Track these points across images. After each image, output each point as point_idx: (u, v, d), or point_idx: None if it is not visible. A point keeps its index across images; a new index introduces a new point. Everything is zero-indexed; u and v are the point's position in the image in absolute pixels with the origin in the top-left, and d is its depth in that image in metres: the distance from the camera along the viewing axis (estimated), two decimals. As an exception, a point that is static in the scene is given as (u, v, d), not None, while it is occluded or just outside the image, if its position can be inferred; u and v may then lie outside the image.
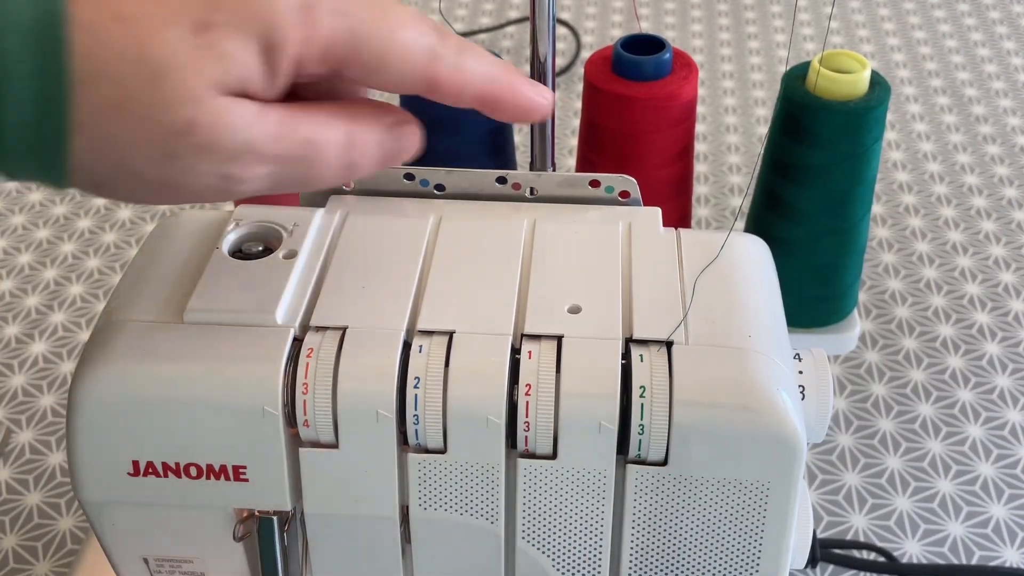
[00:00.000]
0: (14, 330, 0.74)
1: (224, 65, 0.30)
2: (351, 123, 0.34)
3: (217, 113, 0.30)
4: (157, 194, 0.32)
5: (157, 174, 0.31)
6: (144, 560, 0.40)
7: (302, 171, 0.33)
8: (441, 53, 0.34)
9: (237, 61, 0.30)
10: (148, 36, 0.29)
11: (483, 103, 0.36)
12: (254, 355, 0.36)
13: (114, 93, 0.29)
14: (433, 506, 0.37)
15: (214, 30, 0.30)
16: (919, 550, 0.59)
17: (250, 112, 0.31)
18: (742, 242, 0.41)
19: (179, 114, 0.30)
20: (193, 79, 0.29)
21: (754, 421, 0.34)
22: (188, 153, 0.30)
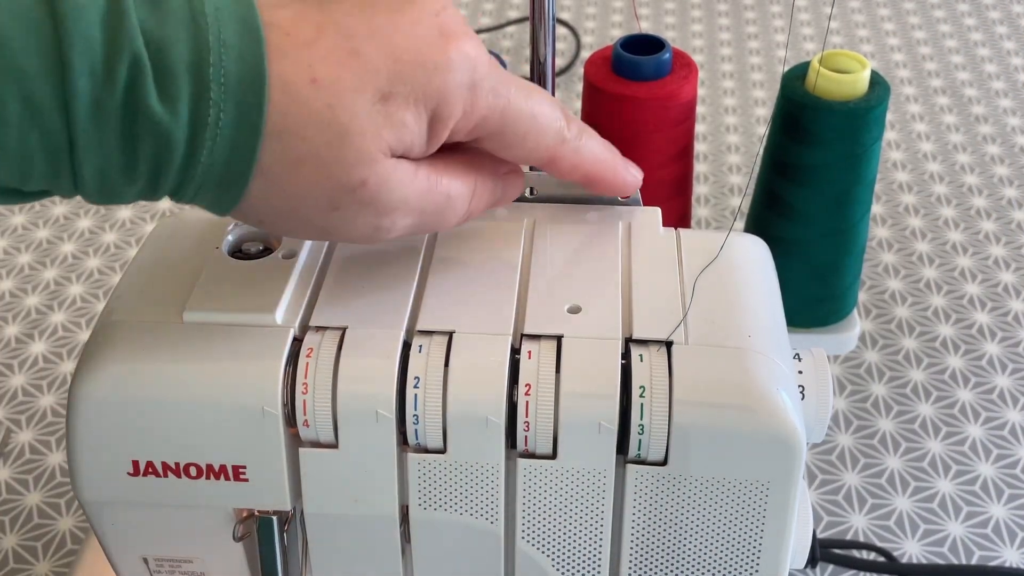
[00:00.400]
0: (14, 330, 0.74)
1: (399, 133, 0.33)
2: (477, 175, 0.37)
3: (385, 174, 0.33)
4: (315, 234, 0.35)
5: (320, 221, 0.33)
6: (144, 560, 0.40)
7: (437, 220, 0.36)
8: (566, 137, 0.37)
9: (410, 130, 0.33)
10: (338, 100, 0.31)
11: (587, 180, 0.40)
12: (254, 355, 0.36)
13: (300, 148, 0.31)
14: (433, 506, 0.37)
15: (395, 100, 0.32)
16: (919, 550, 0.59)
17: (408, 172, 0.34)
18: (742, 242, 0.41)
19: (354, 173, 0.32)
20: (372, 143, 0.32)
21: (754, 421, 0.34)
22: (352, 206, 0.33)
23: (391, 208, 0.34)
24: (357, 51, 0.32)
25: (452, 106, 0.33)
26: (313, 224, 0.34)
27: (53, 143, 0.29)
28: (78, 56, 0.28)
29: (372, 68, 0.32)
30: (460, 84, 0.33)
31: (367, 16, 0.32)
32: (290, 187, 0.32)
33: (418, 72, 0.32)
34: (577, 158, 0.38)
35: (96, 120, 0.29)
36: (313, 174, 0.32)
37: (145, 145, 0.30)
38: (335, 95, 0.31)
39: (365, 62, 0.32)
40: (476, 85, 0.34)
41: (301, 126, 0.31)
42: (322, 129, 0.31)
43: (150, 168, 0.31)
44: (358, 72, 0.32)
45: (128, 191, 0.31)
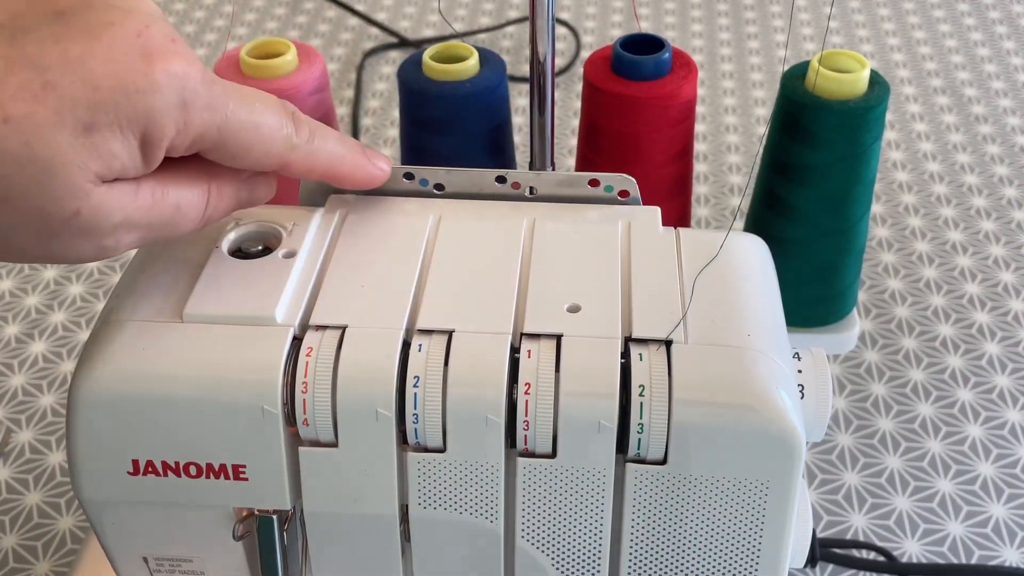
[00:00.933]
0: (14, 330, 0.74)
1: (107, 162, 0.32)
2: (211, 180, 0.36)
3: (98, 200, 0.32)
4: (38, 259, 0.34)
5: (39, 251, 0.33)
6: (144, 559, 0.40)
7: (168, 229, 0.35)
8: (295, 143, 0.37)
9: (119, 157, 0.32)
10: (36, 137, 0.30)
11: (327, 178, 0.40)
12: (254, 354, 0.36)
13: (2, 188, 0.31)
14: (433, 505, 0.37)
15: (98, 131, 0.31)
16: (919, 550, 0.59)
17: (127, 193, 0.33)
18: (742, 242, 0.41)
19: (65, 205, 0.32)
20: (78, 176, 0.31)
21: (753, 420, 0.34)
22: (69, 235, 0.33)
23: (112, 229, 0.33)
24: (52, 84, 0.30)
25: (162, 127, 0.32)
26: (32, 254, 0.33)
27: None
28: None
29: (70, 100, 0.31)
30: (168, 105, 0.32)
31: (62, 46, 0.31)
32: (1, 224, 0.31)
33: (120, 98, 0.31)
34: (310, 161, 0.38)
35: None
36: (22, 212, 0.31)
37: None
38: (31, 132, 0.30)
39: (61, 94, 0.30)
40: (187, 103, 0.33)
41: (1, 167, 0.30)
42: (22, 167, 0.30)
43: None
44: (54, 106, 0.30)
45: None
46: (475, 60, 0.50)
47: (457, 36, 1.02)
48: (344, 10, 1.07)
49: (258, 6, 1.09)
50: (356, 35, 1.05)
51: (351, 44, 1.03)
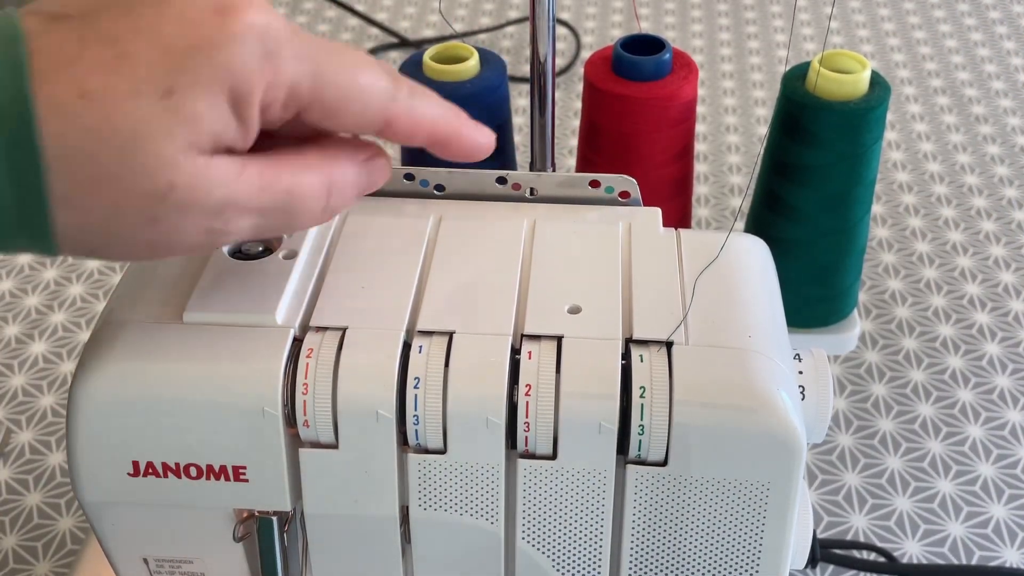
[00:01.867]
0: (14, 330, 0.74)
1: (194, 126, 0.31)
2: (329, 166, 0.35)
3: (195, 173, 0.31)
4: (148, 252, 0.33)
5: (145, 237, 0.32)
6: (144, 560, 0.40)
7: (286, 219, 0.34)
8: (397, 96, 0.35)
9: (207, 119, 0.31)
10: (116, 109, 0.30)
11: (432, 143, 0.37)
12: (254, 355, 0.36)
13: (90, 168, 0.30)
14: (433, 506, 0.37)
15: (179, 94, 0.30)
16: (919, 550, 0.59)
17: (231, 168, 0.32)
18: (742, 242, 0.41)
19: (157, 180, 0.30)
20: (166, 144, 0.30)
21: (754, 421, 0.34)
22: (171, 215, 0.31)
23: (217, 209, 0.32)
24: (125, 53, 0.30)
25: (249, 82, 0.31)
26: (140, 242, 0.32)
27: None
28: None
29: (145, 67, 0.30)
30: (251, 56, 0.31)
31: (132, 17, 0.30)
32: (97, 211, 0.30)
33: (197, 57, 0.30)
34: (412, 118, 0.35)
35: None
36: (115, 192, 0.30)
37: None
38: (111, 104, 0.29)
39: (136, 63, 0.30)
40: (272, 54, 0.31)
41: (85, 145, 0.29)
42: (106, 142, 0.29)
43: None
44: (129, 75, 0.30)
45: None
46: (475, 60, 0.50)
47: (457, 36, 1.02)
48: (344, 10, 1.07)
49: (258, 6, 1.09)
50: (356, 35, 1.05)
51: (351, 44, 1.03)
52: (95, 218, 0.31)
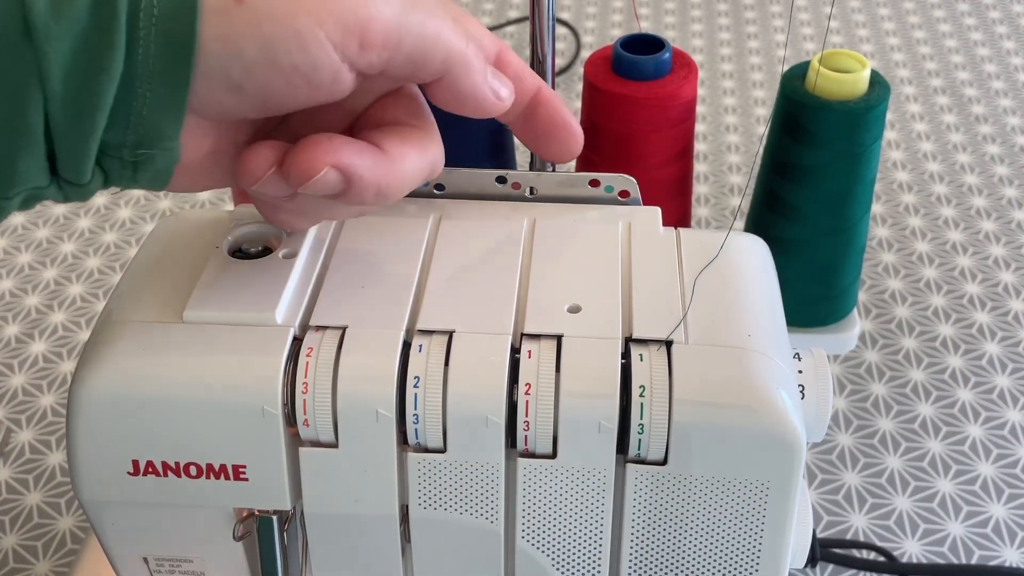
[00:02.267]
0: (14, 330, 0.74)
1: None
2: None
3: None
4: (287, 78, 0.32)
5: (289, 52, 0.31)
6: (144, 560, 0.40)
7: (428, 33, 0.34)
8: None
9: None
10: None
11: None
12: (254, 355, 0.36)
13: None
14: (433, 505, 0.37)
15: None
16: (919, 550, 0.59)
17: None
18: (742, 242, 0.41)
19: None
20: None
21: (754, 421, 0.34)
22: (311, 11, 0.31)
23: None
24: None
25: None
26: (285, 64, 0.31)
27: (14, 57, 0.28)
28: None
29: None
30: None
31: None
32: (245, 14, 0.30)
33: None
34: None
35: None
36: None
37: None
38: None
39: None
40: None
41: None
42: None
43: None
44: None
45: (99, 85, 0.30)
46: (475, 60, 0.50)
47: (457, 36, 1.02)
48: (344, 10, 1.07)
49: (258, 6, 1.09)
50: (356, 35, 1.05)
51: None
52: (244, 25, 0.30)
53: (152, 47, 0.30)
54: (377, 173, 0.34)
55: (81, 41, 0.29)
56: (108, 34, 0.30)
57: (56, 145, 0.31)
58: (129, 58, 0.30)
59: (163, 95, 0.31)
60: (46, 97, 0.30)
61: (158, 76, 0.31)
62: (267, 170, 0.34)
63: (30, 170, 0.31)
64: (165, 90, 0.31)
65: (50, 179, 0.31)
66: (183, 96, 0.31)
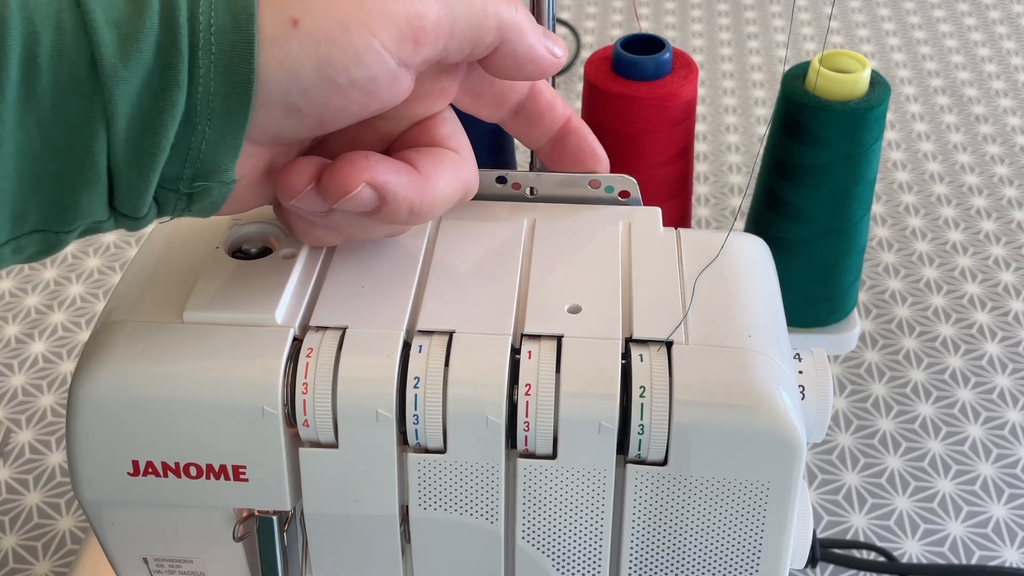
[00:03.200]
0: (14, 330, 0.74)
1: None
2: None
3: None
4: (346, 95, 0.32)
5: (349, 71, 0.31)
6: (144, 560, 0.40)
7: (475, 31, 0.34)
8: None
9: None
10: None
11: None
12: (254, 355, 0.36)
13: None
14: (433, 506, 0.37)
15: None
16: (919, 550, 0.59)
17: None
18: (742, 242, 0.41)
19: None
20: None
21: (754, 421, 0.34)
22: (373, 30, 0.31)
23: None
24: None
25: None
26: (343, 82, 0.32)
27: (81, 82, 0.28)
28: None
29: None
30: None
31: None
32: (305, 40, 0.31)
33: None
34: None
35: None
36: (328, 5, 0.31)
37: None
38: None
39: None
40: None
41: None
42: None
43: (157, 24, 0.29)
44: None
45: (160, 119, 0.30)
46: (475, 60, 0.50)
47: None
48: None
49: (258, 6, 1.09)
50: (356, 35, 1.05)
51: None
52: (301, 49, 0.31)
53: (212, 84, 0.30)
54: (411, 192, 0.34)
55: (146, 82, 0.29)
56: (172, 73, 0.29)
57: (116, 181, 0.31)
58: (190, 96, 0.30)
59: (223, 130, 0.31)
60: (110, 136, 0.30)
61: (218, 112, 0.31)
62: (306, 186, 0.34)
63: (92, 205, 0.31)
64: (225, 125, 0.31)
65: (109, 213, 0.32)
66: (242, 129, 0.31)
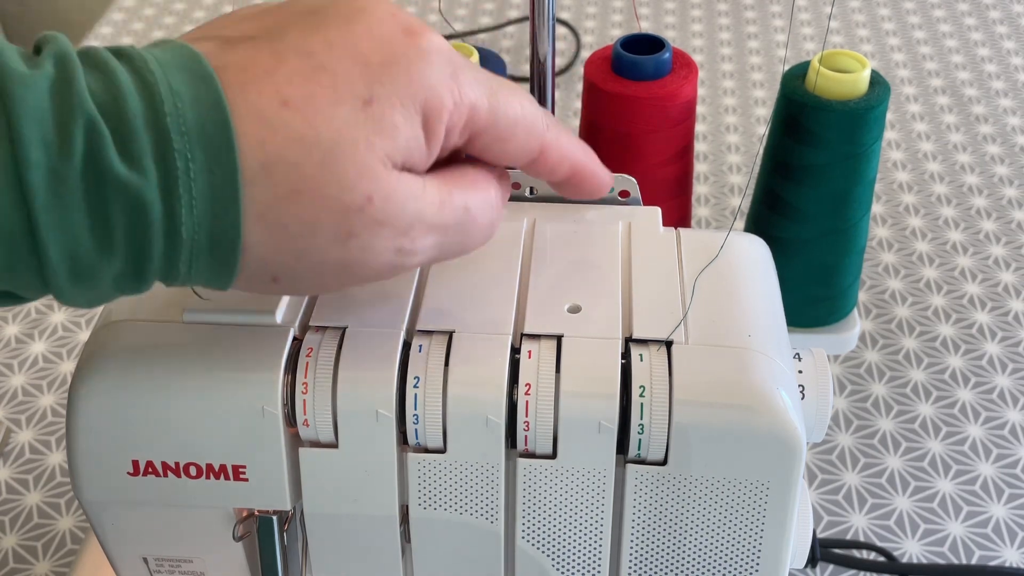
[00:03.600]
0: (14, 330, 0.74)
1: (392, 137, 0.31)
2: (487, 183, 0.35)
3: (390, 186, 0.31)
4: (337, 278, 0.32)
5: (337, 256, 0.31)
6: (144, 560, 0.40)
7: (462, 237, 0.34)
8: (550, 124, 0.36)
9: (403, 132, 0.31)
10: (318, 116, 0.29)
11: (570, 176, 0.38)
12: (254, 355, 0.36)
13: (290, 178, 0.29)
14: (433, 506, 0.37)
15: (378, 103, 0.30)
16: (919, 550, 0.59)
17: (416, 183, 0.32)
18: (742, 242, 0.41)
19: (357, 190, 0.30)
20: (366, 154, 0.30)
21: (754, 421, 0.34)
22: (366, 229, 0.31)
23: (407, 225, 0.32)
24: (323, 66, 0.30)
25: (440, 98, 0.31)
26: (330, 261, 0.31)
27: (8, 227, 0.27)
28: (27, 126, 0.26)
29: (344, 77, 0.30)
30: (442, 75, 0.31)
31: (322, 34, 0.31)
32: (293, 224, 0.30)
33: (394, 70, 0.31)
34: (562, 149, 0.36)
35: (56, 194, 0.27)
36: (314, 202, 0.30)
37: (117, 213, 0.28)
38: (313, 112, 0.29)
39: (335, 74, 0.30)
40: (457, 75, 0.32)
41: (285, 153, 0.29)
42: (309, 150, 0.29)
43: (128, 239, 0.28)
44: (330, 85, 0.30)
45: (106, 271, 0.29)
46: (475, 60, 0.50)
47: (457, 36, 1.02)
48: (344, 10, 1.07)
49: (258, 6, 1.09)
50: (356, 35, 1.05)
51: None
52: (290, 234, 0.30)
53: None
54: None
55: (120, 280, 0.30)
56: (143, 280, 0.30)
57: None
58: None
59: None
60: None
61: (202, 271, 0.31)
62: None
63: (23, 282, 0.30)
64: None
65: None
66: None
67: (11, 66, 0.27)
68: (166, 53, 0.29)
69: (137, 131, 0.28)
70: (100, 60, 0.29)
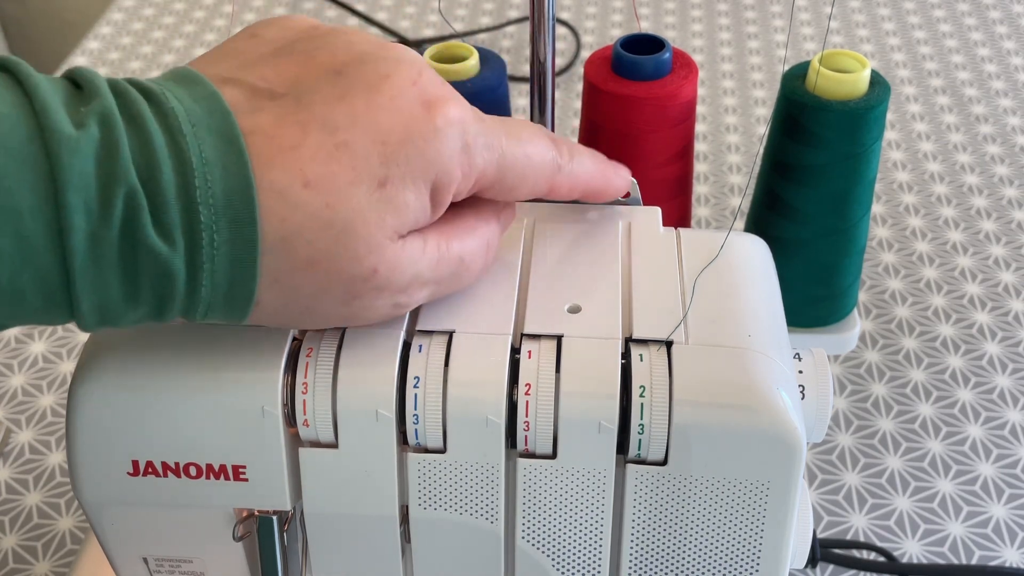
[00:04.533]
0: (14, 330, 0.74)
1: (401, 215, 0.32)
2: (485, 226, 0.37)
3: (394, 257, 0.33)
4: (335, 325, 0.35)
5: (340, 313, 0.33)
6: (144, 560, 0.40)
7: (454, 283, 0.36)
8: (561, 164, 0.37)
9: (411, 208, 0.33)
10: (336, 198, 0.31)
11: (585, 196, 0.40)
12: (254, 355, 0.36)
13: (306, 251, 0.31)
14: (433, 506, 0.37)
15: (392, 183, 0.32)
16: (919, 550, 0.59)
17: (417, 247, 0.34)
18: (742, 242, 0.41)
19: (364, 265, 0.32)
20: (377, 231, 0.32)
21: (754, 421, 0.34)
22: (368, 293, 0.33)
23: (406, 285, 0.34)
24: (345, 143, 0.31)
25: (450, 173, 0.33)
26: (332, 317, 0.34)
27: (48, 281, 0.29)
28: (73, 193, 0.28)
29: (363, 157, 0.31)
30: (453, 150, 0.33)
31: (347, 103, 0.32)
32: (304, 289, 0.32)
33: (409, 150, 0.32)
34: (572, 181, 0.38)
35: (94, 256, 0.29)
36: (327, 273, 0.32)
37: (146, 278, 0.30)
38: (332, 192, 0.31)
39: (355, 153, 0.31)
40: (469, 146, 0.33)
41: (302, 230, 0.31)
42: (325, 229, 0.31)
43: (154, 297, 0.31)
44: (350, 164, 0.31)
45: (130, 316, 0.31)
46: (475, 60, 0.50)
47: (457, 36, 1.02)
48: (344, 10, 1.07)
49: (258, 6, 1.09)
50: (356, 35, 1.05)
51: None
52: (299, 296, 0.32)
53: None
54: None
55: None
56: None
57: None
58: None
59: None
60: None
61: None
62: None
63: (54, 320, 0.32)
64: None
65: None
66: None
67: (60, 128, 0.28)
68: (198, 105, 0.31)
69: (169, 203, 0.29)
70: (136, 113, 0.30)
